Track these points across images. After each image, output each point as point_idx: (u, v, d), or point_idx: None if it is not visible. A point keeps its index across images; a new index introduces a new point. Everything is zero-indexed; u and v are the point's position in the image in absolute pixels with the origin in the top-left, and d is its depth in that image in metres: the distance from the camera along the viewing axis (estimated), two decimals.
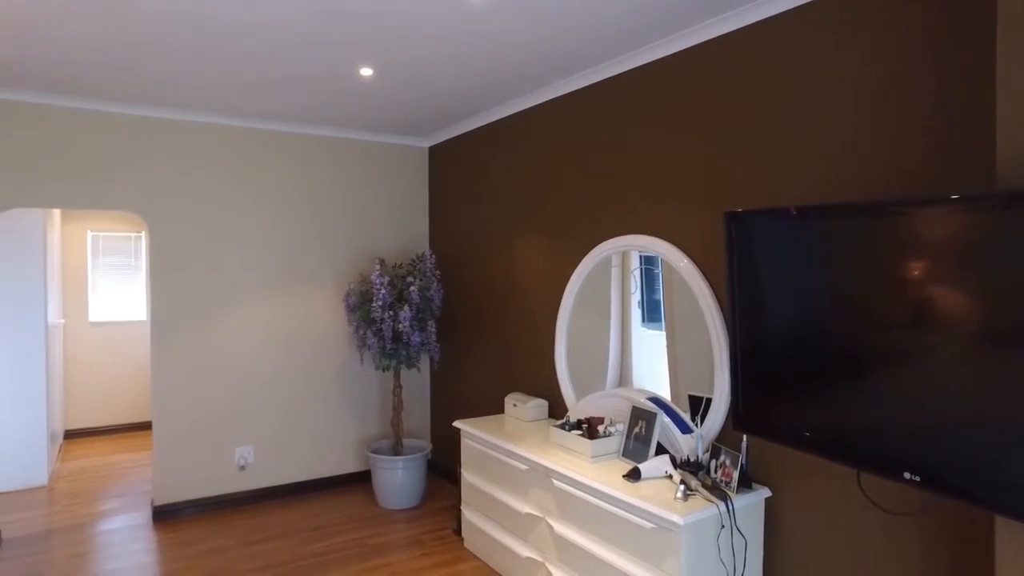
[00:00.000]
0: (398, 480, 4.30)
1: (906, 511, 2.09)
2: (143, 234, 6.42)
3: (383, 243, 4.90)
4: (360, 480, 4.73)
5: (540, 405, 3.65)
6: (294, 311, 4.59)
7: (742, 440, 2.51)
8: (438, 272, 4.39)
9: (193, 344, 4.25)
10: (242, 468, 4.39)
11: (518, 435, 3.33)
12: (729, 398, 2.63)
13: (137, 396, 6.31)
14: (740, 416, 2.31)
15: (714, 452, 2.58)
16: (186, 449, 4.23)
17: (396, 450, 4.45)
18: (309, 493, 4.57)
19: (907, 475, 1.77)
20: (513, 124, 4.05)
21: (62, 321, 5.86)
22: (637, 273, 3.29)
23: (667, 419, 2.82)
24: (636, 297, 3.32)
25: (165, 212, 4.16)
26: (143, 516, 4.18)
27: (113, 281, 6.32)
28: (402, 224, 5.01)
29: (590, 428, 2.98)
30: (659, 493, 2.46)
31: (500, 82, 3.57)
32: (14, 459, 4.63)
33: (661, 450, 2.80)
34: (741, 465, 2.45)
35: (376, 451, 4.43)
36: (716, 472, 2.53)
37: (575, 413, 3.33)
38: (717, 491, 2.40)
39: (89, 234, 6.19)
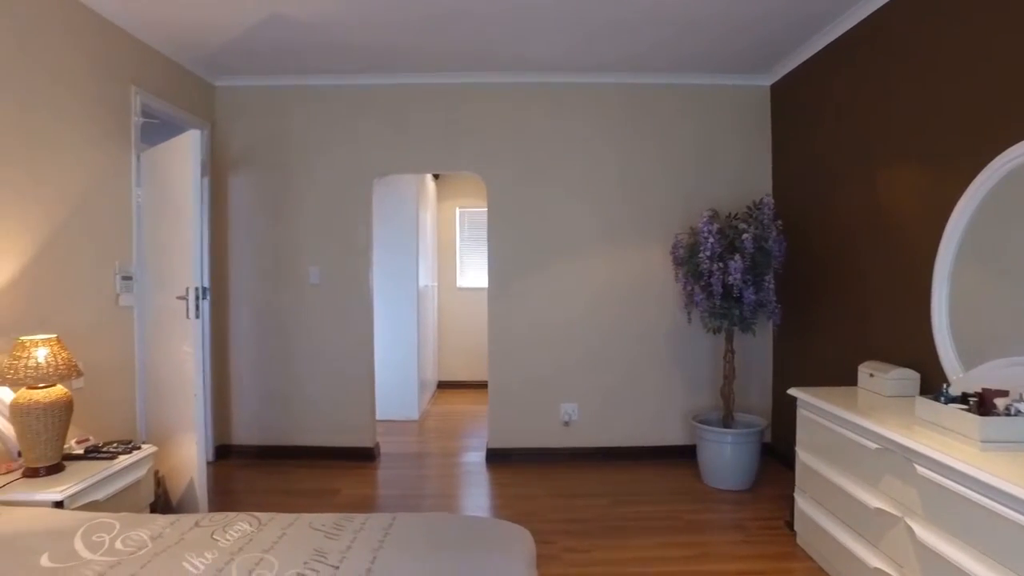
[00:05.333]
0: (726, 456, 3.77)
1: None
2: None
3: (719, 194, 4.33)
4: (685, 454, 4.29)
5: (907, 377, 2.75)
6: (622, 269, 4.40)
7: None
8: (779, 222, 3.71)
9: (524, 301, 4.38)
10: (566, 424, 4.39)
11: (870, 408, 2.55)
12: None
13: None
14: None
15: None
16: (516, 401, 4.39)
17: (726, 423, 3.92)
18: (628, 459, 4.33)
19: None
20: (866, 30, 3.17)
21: (434, 284, 6.75)
22: None
23: None
24: None
25: (500, 172, 4.37)
26: (480, 456, 4.50)
27: (476, 252, 7.05)
28: (740, 173, 4.40)
29: (982, 402, 2.08)
30: None
31: None
32: (394, 396, 5.46)
33: None
34: None
35: (703, 421, 3.97)
36: None
37: (961, 385, 2.40)
38: None
39: (457, 210, 7.01)
